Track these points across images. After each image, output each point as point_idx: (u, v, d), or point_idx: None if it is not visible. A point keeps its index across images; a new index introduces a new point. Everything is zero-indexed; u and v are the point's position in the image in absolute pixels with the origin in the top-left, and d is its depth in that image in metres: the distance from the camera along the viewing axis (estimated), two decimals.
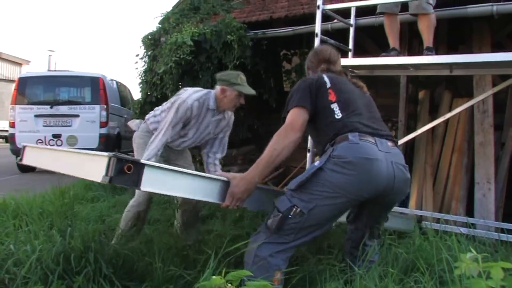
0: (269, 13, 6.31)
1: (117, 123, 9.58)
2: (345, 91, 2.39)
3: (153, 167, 2.01)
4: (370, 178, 2.12)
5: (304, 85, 2.38)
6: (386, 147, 2.21)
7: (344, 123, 2.24)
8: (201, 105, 3.40)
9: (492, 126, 5.32)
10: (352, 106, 2.33)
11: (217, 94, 3.46)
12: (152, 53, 6.88)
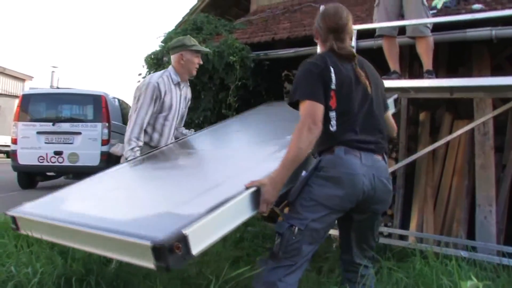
0: (271, 34, 6.36)
1: (118, 141, 9.60)
2: (346, 97, 2.28)
3: (194, 231, 1.87)
4: (351, 192, 2.20)
5: (315, 75, 2.26)
6: (370, 160, 2.26)
7: (335, 137, 2.24)
8: (166, 81, 3.48)
9: (493, 148, 5.34)
10: (349, 119, 2.28)
11: (176, 65, 3.58)
12: (155, 72, 6.92)
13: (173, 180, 2.83)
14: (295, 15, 7.75)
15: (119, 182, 3.00)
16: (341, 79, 2.27)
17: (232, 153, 3.18)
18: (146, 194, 2.65)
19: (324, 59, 2.31)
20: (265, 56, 6.05)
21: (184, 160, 3.28)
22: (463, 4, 5.66)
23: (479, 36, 4.74)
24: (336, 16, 2.43)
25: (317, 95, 2.21)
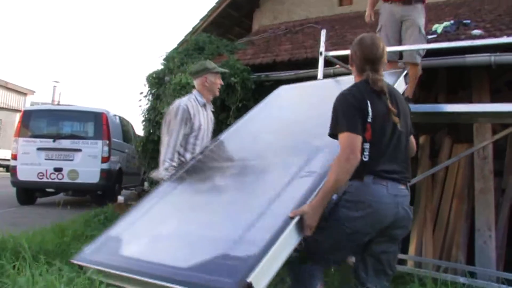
0: (272, 56, 6.42)
1: (119, 158, 9.64)
2: (380, 130, 2.41)
3: (256, 276, 1.98)
4: (376, 218, 2.34)
5: (354, 108, 2.39)
6: (396, 189, 2.39)
7: (366, 166, 2.36)
8: (193, 103, 3.69)
9: (492, 173, 5.35)
10: (382, 149, 2.41)
11: (200, 88, 3.82)
12: (156, 91, 6.98)
13: (216, 208, 2.89)
14: (297, 36, 7.83)
15: (165, 213, 3.10)
16: (376, 113, 2.40)
17: (264, 165, 3.23)
18: (196, 228, 2.71)
19: (361, 92, 2.44)
20: (266, 77, 6.09)
21: (220, 179, 3.31)
22: (463, 29, 5.72)
23: (478, 62, 4.78)
24: (373, 47, 2.53)
25: (356, 127, 2.34)
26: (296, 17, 9.76)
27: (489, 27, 5.58)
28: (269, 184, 2.85)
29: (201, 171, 3.49)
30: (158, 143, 6.75)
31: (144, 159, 7.05)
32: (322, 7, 9.56)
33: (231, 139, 3.85)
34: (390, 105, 2.44)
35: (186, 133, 3.64)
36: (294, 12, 9.87)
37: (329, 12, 9.39)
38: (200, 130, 3.71)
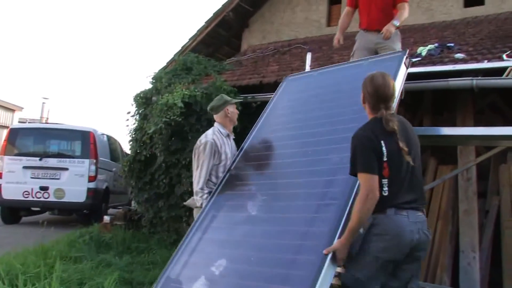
0: (259, 77, 6.46)
1: (106, 177, 9.59)
2: (395, 166, 2.64)
3: None
4: (401, 245, 2.60)
5: (369, 149, 2.63)
6: (415, 217, 2.65)
7: (386, 200, 2.61)
8: (218, 136, 4.03)
9: (476, 194, 5.41)
10: (399, 183, 2.65)
11: (222, 120, 4.15)
12: (143, 111, 6.98)
13: (255, 243, 3.22)
14: (284, 57, 7.89)
15: (213, 251, 3.41)
16: (391, 151, 2.64)
17: (289, 187, 3.55)
18: (242, 267, 3.06)
19: (375, 133, 2.68)
20: (253, 99, 6.13)
21: (251, 207, 3.55)
22: (447, 52, 5.80)
23: (461, 85, 4.86)
24: (386, 87, 2.75)
25: (373, 167, 2.60)
26: (285, 37, 9.84)
27: (471, 50, 5.67)
28: (298, 213, 3.21)
29: (231, 199, 3.79)
30: (144, 163, 6.81)
31: (130, 179, 7.01)
32: (310, 27, 9.66)
33: (253, 154, 4.14)
34: (401, 145, 2.65)
35: (215, 164, 3.96)
36: (283, 32, 9.97)
37: (318, 32, 9.48)
38: (227, 159, 4.04)
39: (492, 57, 5.16)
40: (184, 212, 6.40)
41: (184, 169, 6.26)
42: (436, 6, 8.50)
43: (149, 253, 6.02)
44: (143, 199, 6.81)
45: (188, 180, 6.17)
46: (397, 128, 2.67)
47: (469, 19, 7.96)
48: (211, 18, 10.01)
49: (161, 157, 6.45)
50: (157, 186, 6.63)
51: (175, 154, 6.34)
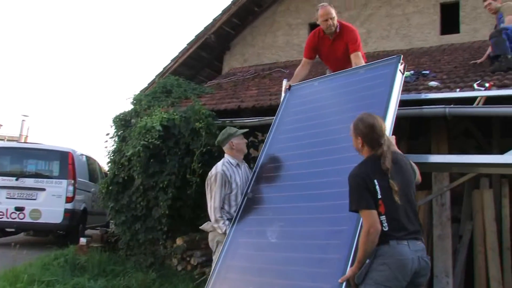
0: (238, 102, 6.52)
1: (84, 198, 9.49)
2: (391, 202, 2.83)
3: None
4: (404, 273, 2.77)
5: (363, 188, 2.85)
6: (415, 246, 2.83)
7: (388, 234, 2.79)
8: (228, 167, 4.24)
9: (450, 219, 5.49)
10: (397, 217, 2.83)
11: (229, 152, 4.37)
12: (122, 134, 6.98)
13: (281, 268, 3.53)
14: (264, 81, 7.98)
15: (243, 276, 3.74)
16: (384, 189, 2.84)
17: (299, 212, 3.79)
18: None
19: (367, 173, 2.90)
20: (231, 123, 6.17)
21: (276, 230, 3.80)
22: (422, 79, 5.92)
23: (434, 113, 4.95)
24: (378, 123, 3.00)
25: (370, 204, 2.81)
26: (266, 61, 9.97)
27: (445, 78, 5.80)
28: (311, 241, 3.51)
29: (251, 225, 4.07)
30: (122, 185, 6.77)
31: (108, 201, 6.96)
32: (291, 51, 9.81)
33: (265, 176, 4.36)
34: (391, 184, 2.84)
35: (227, 193, 4.19)
36: (264, 55, 10.10)
37: (298, 56, 9.58)
38: (238, 188, 4.25)
39: (464, 86, 5.28)
40: (161, 235, 6.38)
41: (161, 192, 6.25)
42: (414, 33, 8.72)
43: (125, 276, 5.96)
44: (120, 221, 6.75)
45: (165, 203, 6.17)
46: (390, 167, 2.88)
47: (445, 46, 8.17)
48: (193, 40, 10.11)
49: (139, 180, 6.44)
50: (135, 209, 6.59)
51: (153, 177, 6.34)
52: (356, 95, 4.29)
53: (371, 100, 4.05)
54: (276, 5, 10.16)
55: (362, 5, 9.20)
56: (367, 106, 3.90)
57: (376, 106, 3.86)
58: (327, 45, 5.27)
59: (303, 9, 9.84)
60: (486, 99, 4.79)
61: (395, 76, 4.03)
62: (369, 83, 4.27)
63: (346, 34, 5.17)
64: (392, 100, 3.90)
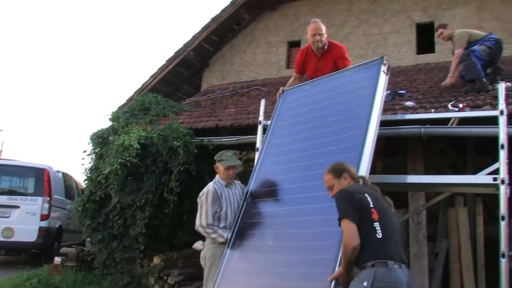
0: (216, 121, 6.53)
1: (59, 215, 9.32)
2: (384, 210, 2.92)
3: None
4: None
5: (349, 199, 2.92)
6: (406, 271, 2.86)
7: (383, 247, 2.81)
8: (218, 186, 4.38)
9: (426, 238, 5.55)
10: (390, 228, 2.88)
11: (217, 172, 4.48)
12: (100, 151, 6.92)
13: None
14: (242, 99, 8.01)
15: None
16: (376, 198, 2.96)
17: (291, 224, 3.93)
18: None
19: (356, 187, 3.09)
20: (209, 142, 6.19)
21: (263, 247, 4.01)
22: (398, 99, 6.01)
23: (410, 133, 5.02)
24: (351, 169, 3.27)
25: (351, 215, 2.84)
26: (245, 78, 10.03)
27: (421, 98, 5.89)
28: (303, 247, 3.67)
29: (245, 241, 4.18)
30: (99, 203, 6.70)
31: (84, 219, 6.87)
32: (270, 69, 9.89)
33: (260, 192, 4.48)
34: (385, 197, 3.04)
35: (217, 211, 4.30)
36: (243, 73, 10.15)
37: (277, 74, 9.70)
38: (227, 206, 4.36)
39: (439, 106, 5.37)
40: (138, 253, 6.31)
41: (138, 210, 6.20)
42: (391, 52, 8.86)
43: None
44: (96, 240, 6.67)
45: (142, 222, 6.12)
46: (377, 189, 3.10)
47: (421, 66, 8.32)
48: (172, 57, 10.13)
49: (116, 198, 6.39)
50: (111, 227, 6.53)
51: (130, 195, 6.29)
52: (344, 97, 4.50)
53: (357, 102, 4.25)
54: (255, 23, 10.26)
55: (340, 24, 9.35)
56: (354, 108, 4.20)
57: (363, 107, 4.11)
58: (314, 61, 5.38)
59: (282, 27, 9.95)
60: (460, 119, 4.89)
61: (378, 77, 4.23)
62: (355, 85, 4.48)
63: (334, 51, 5.30)
64: (377, 100, 4.10)
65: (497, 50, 6.03)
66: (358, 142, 3.88)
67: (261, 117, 4.91)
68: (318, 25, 5.19)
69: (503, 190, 3.76)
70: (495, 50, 6.00)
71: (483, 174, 4.01)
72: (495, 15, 8.10)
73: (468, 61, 5.85)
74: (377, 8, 9.16)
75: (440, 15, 8.55)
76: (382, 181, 4.49)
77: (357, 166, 3.64)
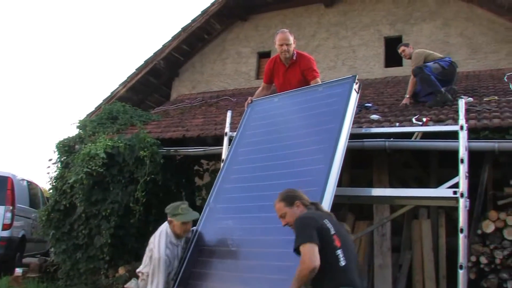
0: (183, 131, 6.51)
1: (23, 225, 9.09)
2: (344, 237, 2.86)
3: None
4: None
5: (311, 225, 2.77)
6: None
7: (345, 274, 2.72)
8: (169, 248, 3.98)
9: (390, 249, 5.63)
10: (351, 255, 2.81)
11: (170, 226, 4.03)
12: (65, 160, 6.81)
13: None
14: (211, 109, 8.01)
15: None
16: (336, 225, 2.88)
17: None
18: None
19: (316, 214, 2.94)
20: (175, 152, 6.16)
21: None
22: (364, 112, 6.10)
23: (375, 146, 5.11)
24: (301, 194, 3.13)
25: (314, 238, 2.69)
26: (215, 88, 10.03)
27: (387, 111, 5.99)
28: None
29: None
30: (64, 213, 6.59)
31: (48, 229, 6.74)
32: (239, 79, 9.92)
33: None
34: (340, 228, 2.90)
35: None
36: (213, 83, 10.16)
37: (246, 84, 9.73)
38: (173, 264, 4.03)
39: (403, 120, 5.48)
40: (103, 264, 6.22)
41: (104, 220, 6.13)
42: (359, 65, 9.00)
43: None
44: (60, 250, 6.55)
45: (108, 232, 6.05)
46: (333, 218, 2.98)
47: (389, 79, 8.46)
48: (141, 66, 10.07)
49: (81, 207, 6.30)
50: (76, 237, 6.42)
51: (96, 205, 6.21)
52: (315, 111, 4.53)
53: (328, 117, 4.29)
54: (226, 33, 10.30)
55: (310, 35, 9.45)
56: (324, 123, 4.23)
57: (333, 122, 4.16)
58: (282, 71, 5.38)
59: (252, 37, 10.01)
60: (423, 133, 5.00)
61: (350, 95, 4.31)
62: (326, 101, 4.53)
63: (302, 62, 5.29)
64: (347, 117, 4.18)
65: (451, 71, 6.20)
66: (327, 155, 3.93)
67: (227, 129, 4.93)
68: (286, 35, 5.19)
69: (462, 203, 3.85)
70: (448, 71, 6.16)
71: (444, 188, 4.09)
72: (460, 31, 8.32)
73: (422, 74, 6.00)
74: (347, 21, 9.29)
75: (407, 29, 8.74)
76: (348, 193, 4.57)
77: (326, 178, 3.68)
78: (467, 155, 4.10)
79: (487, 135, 4.91)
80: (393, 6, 8.98)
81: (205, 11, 9.78)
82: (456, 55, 7.81)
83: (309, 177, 3.85)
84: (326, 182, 3.65)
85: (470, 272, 4.84)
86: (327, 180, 3.67)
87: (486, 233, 4.93)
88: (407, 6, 8.85)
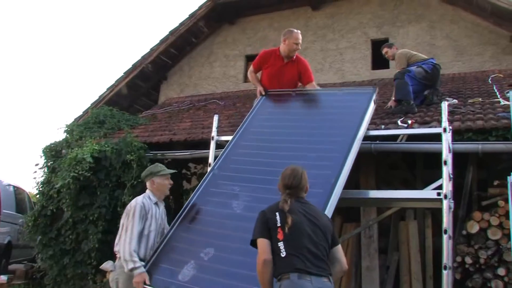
0: (170, 135, 6.52)
1: (9, 231, 9.01)
2: (293, 227, 2.88)
3: None
4: None
5: (263, 220, 2.97)
6: (319, 283, 2.78)
7: (287, 263, 2.79)
8: (148, 202, 4.00)
9: (377, 251, 5.66)
10: (296, 245, 2.84)
11: (151, 188, 4.11)
12: (52, 164, 6.79)
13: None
14: (198, 113, 8.01)
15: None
16: (284, 220, 2.90)
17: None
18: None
19: (272, 209, 3.01)
20: (162, 156, 6.16)
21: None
22: None
23: (361, 149, 5.13)
24: (291, 177, 3.13)
25: (262, 233, 2.91)
26: (203, 91, 10.02)
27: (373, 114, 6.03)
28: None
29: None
30: (50, 218, 6.55)
31: (35, 234, 6.70)
32: (228, 82, 9.92)
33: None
34: (288, 220, 2.91)
35: (140, 229, 3.87)
36: (201, 86, 10.15)
37: (235, 87, 9.73)
38: (151, 225, 3.98)
39: (389, 122, 5.53)
40: (90, 269, 6.19)
41: (91, 225, 6.11)
42: (347, 67, 9.04)
43: None
44: (47, 256, 6.51)
45: (95, 236, 6.02)
46: (288, 208, 2.98)
47: (376, 81, 8.51)
48: (129, 69, 10.04)
49: (68, 212, 6.29)
50: (63, 242, 6.40)
51: (83, 209, 6.19)
52: (336, 110, 4.85)
53: (345, 123, 4.51)
54: (213, 36, 10.30)
55: None
56: (340, 128, 4.49)
57: (349, 128, 4.39)
58: (279, 65, 5.58)
59: (240, 41, 10.03)
60: (408, 135, 5.04)
61: (369, 105, 4.61)
62: (348, 104, 4.86)
63: (300, 63, 5.63)
64: (363, 125, 4.42)
65: (434, 74, 6.27)
66: (340, 155, 4.18)
67: (214, 133, 4.94)
68: (300, 36, 5.52)
69: (446, 205, 3.90)
70: (432, 74, 6.23)
71: (429, 189, 4.15)
72: (445, 33, 8.40)
73: (401, 80, 6.05)
74: (334, 24, 9.34)
75: (394, 32, 8.80)
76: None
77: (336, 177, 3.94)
78: (450, 156, 4.14)
79: (471, 137, 4.98)
80: (379, 9, 9.04)
81: (193, 15, 9.78)
82: (442, 57, 7.89)
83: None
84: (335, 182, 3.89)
85: (456, 272, 4.89)
86: (336, 181, 3.91)
87: (471, 233, 4.98)
88: (393, 9, 8.92)
